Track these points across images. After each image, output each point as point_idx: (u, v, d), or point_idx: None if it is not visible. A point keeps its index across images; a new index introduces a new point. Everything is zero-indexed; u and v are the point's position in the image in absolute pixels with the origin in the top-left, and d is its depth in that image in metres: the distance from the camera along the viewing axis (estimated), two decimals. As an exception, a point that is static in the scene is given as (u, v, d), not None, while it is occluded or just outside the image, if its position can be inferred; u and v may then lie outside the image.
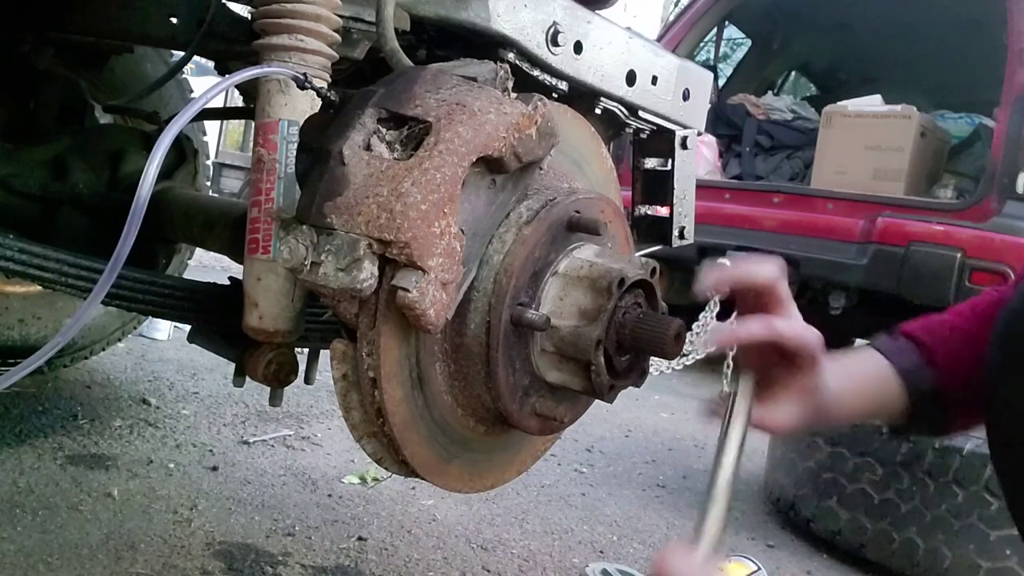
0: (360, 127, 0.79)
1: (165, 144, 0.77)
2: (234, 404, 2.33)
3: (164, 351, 2.81)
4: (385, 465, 0.93)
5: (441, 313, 0.79)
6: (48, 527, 1.43)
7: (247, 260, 1.01)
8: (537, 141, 0.85)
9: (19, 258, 1.04)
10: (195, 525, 1.53)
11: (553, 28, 1.17)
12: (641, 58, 1.37)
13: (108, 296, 1.03)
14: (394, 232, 0.74)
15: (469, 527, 1.76)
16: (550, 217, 0.90)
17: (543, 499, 2.02)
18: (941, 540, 1.79)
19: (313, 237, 0.77)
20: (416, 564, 1.55)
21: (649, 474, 2.43)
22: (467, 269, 0.83)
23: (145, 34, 1.38)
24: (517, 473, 1.13)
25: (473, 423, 0.97)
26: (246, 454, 1.96)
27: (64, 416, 1.99)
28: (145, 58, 2.04)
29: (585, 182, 1.11)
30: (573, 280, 0.91)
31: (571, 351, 0.90)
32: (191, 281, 1.22)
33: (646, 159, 1.60)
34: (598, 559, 1.73)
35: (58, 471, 1.67)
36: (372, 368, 0.83)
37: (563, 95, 1.24)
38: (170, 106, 2.04)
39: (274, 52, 0.97)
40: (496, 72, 0.91)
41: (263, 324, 1.00)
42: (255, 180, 0.99)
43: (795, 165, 4.88)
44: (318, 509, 1.71)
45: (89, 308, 0.80)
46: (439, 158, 0.76)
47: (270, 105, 0.98)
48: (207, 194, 2.01)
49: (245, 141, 11.50)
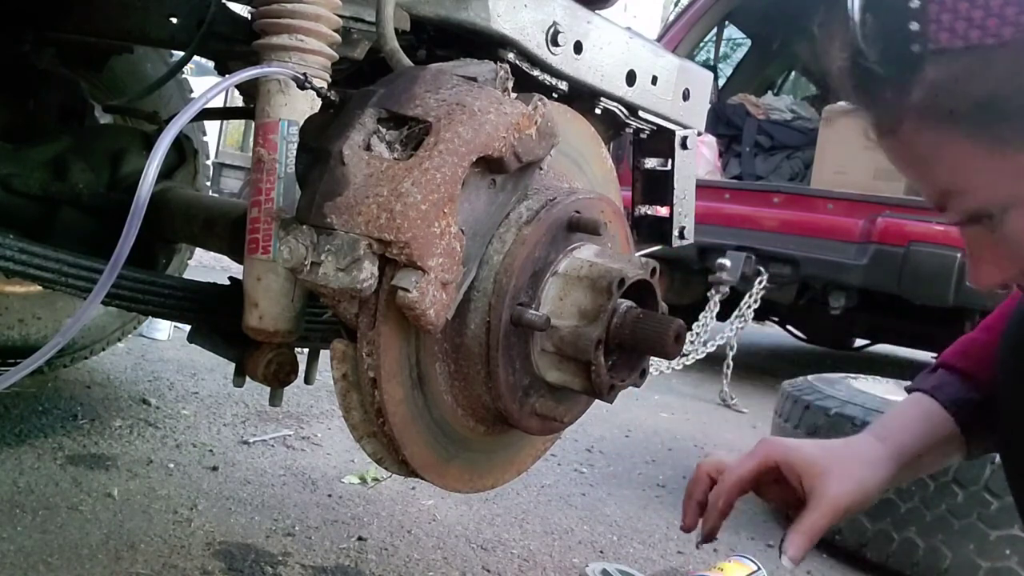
0: (360, 127, 0.79)
1: (165, 144, 0.78)
2: (234, 404, 2.33)
3: (164, 351, 2.81)
4: (385, 465, 0.93)
5: (441, 313, 0.79)
6: (48, 527, 1.43)
7: (247, 260, 1.01)
8: (537, 141, 0.86)
9: (19, 258, 1.04)
10: (195, 525, 1.53)
11: (553, 28, 1.17)
12: (641, 58, 1.37)
13: (108, 296, 1.03)
14: (394, 232, 0.74)
15: (469, 527, 1.76)
16: (550, 217, 0.90)
17: (543, 499, 2.02)
18: (941, 540, 1.79)
19: (313, 237, 0.77)
20: (416, 564, 1.55)
21: (649, 474, 2.43)
22: (467, 269, 0.84)
23: (145, 34, 1.38)
24: (517, 473, 1.13)
25: (473, 423, 0.97)
26: (246, 454, 1.96)
27: (64, 416, 1.99)
28: (145, 58, 2.04)
29: (585, 182, 1.11)
30: (573, 280, 0.91)
31: (571, 351, 0.90)
32: (191, 281, 1.22)
33: (646, 159, 1.60)
34: (598, 559, 1.73)
35: (58, 471, 1.67)
36: (372, 368, 0.83)
37: (563, 95, 1.24)
38: (170, 106, 2.04)
39: (274, 52, 0.97)
40: (496, 72, 0.92)
41: (263, 324, 1.00)
42: (255, 180, 0.99)
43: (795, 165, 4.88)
44: (318, 509, 1.71)
45: (89, 308, 0.80)
46: (439, 158, 0.76)
47: (270, 105, 0.98)
48: (207, 194, 2.01)
49: (245, 141, 11.50)
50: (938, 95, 0.60)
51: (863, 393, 2.13)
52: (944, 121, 0.62)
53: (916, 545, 1.82)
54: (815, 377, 2.29)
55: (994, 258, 0.70)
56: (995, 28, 0.56)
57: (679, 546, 1.87)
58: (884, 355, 6.25)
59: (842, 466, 0.90)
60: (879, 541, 1.88)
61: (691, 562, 1.80)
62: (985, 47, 0.57)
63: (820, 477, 0.89)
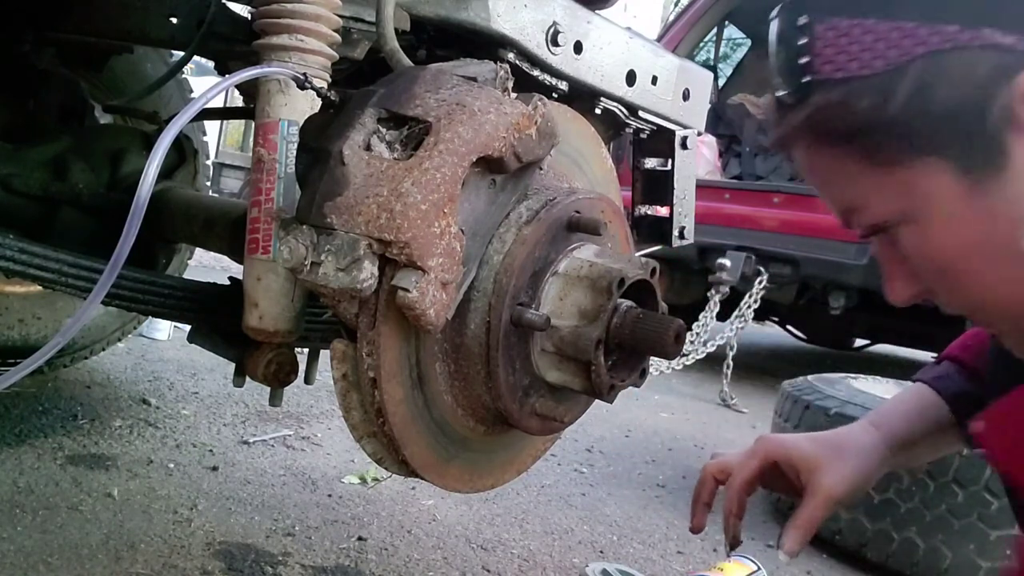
0: (360, 127, 0.79)
1: (165, 144, 0.78)
2: (234, 404, 2.33)
3: (164, 351, 2.81)
4: (385, 465, 0.93)
5: (441, 313, 0.79)
6: (48, 527, 1.43)
7: (247, 260, 1.01)
8: (537, 141, 0.85)
9: (19, 258, 1.04)
10: (195, 525, 1.53)
11: (553, 28, 1.17)
12: (641, 58, 1.37)
13: (108, 296, 1.03)
14: (394, 232, 0.74)
15: (469, 527, 1.76)
16: (550, 217, 0.90)
17: (543, 499, 2.02)
18: (941, 540, 1.79)
19: (313, 237, 0.77)
20: (416, 564, 1.55)
21: (649, 474, 2.43)
22: (467, 269, 0.83)
23: (145, 34, 1.38)
24: (517, 473, 1.13)
25: (473, 423, 0.97)
26: (246, 454, 1.96)
27: (64, 416, 1.99)
28: (145, 58, 2.04)
29: (585, 182, 1.11)
30: (573, 280, 0.91)
31: (571, 351, 0.90)
32: (191, 281, 1.22)
33: (646, 159, 1.60)
34: (598, 559, 1.73)
35: (58, 471, 1.67)
36: (372, 368, 0.83)
37: (563, 95, 1.24)
38: (170, 106, 2.04)
39: (274, 52, 0.97)
40: (496, 72, 0.91)
41: (263, 324, 1.00)
42: (255, 180, 0.99)
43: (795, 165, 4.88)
44: (318, 509, 1.71)
45: (89, 308, 0.80)
46: (439, 158, 0.76)
47: (270, 105, 0.98)
48: (207, 194, 2.01)
49: (245, 141, 11.50)
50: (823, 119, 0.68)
51: (863, 393, 2.13)
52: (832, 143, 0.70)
53: (916, 545, 1.82)
54: (815, 377, 2.30)
55: (902, 273, 0.74)
56: (868, 60, 0.64)
57: (679, 546, 1.87)
58: (884, 355, 6.25)
59: (835, 458, 0.95)
60: (879, 541, 1.88)
61: (691, 562, 1.80)
62: (861, 77, 0.65)
63: (814, 471, 0.94)
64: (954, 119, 0.64)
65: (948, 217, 0.67)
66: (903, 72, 0.64)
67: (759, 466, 0.98)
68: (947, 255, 0.69)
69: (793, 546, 0.92)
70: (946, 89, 0.63)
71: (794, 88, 0.69)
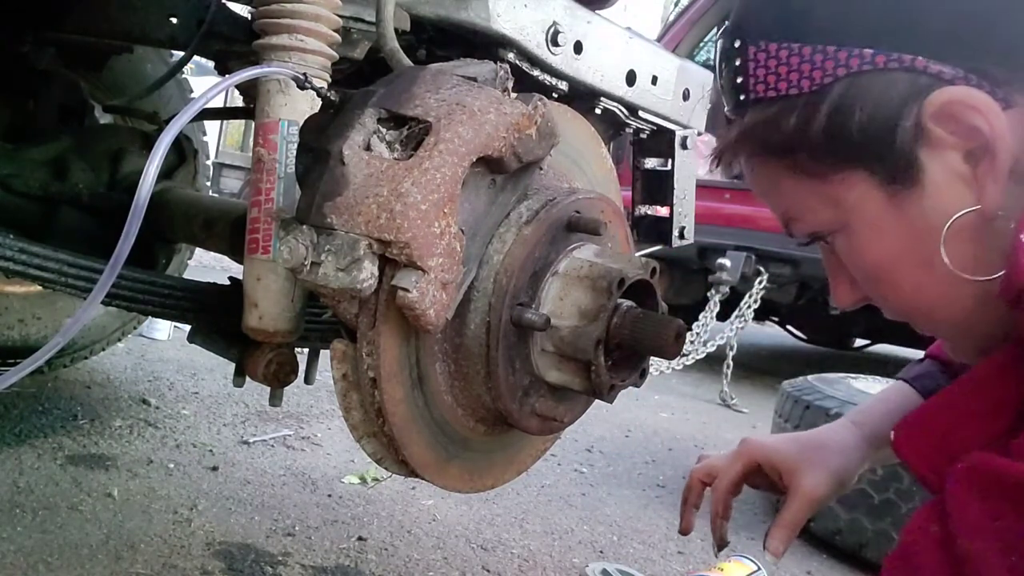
0: (360, 127, 0.79)
1: (165, 144, 0.77)
2: (234, 404, 2.33)
3: (164, 351, 2.81)
4: (385, 465, 0.93)
5: (441, 313, 0.79)
6: (48, 527, 1.43)
7: (247, 260, 1.01)
8: (537, 141, 0.85)
9: (19, 258, 1.04)
10: (195, 525, 1.54)
11: (553, 28, 1.17)
12: (641, 58, 1.37)
13: (108, 296, 1.03)
14: (394, 232, 0.74)
15: (469, 527, 1.76)
16: (550, 217, 0.90)
17: (543, 499, 2.02)
18: (941, 540, 1.79)
19: (313, 237, 0.77)
20: (416, 564, 1.55)
21: (649, 474, 2.43)
22: (467, 269, 0.83)
23: (145, 34, 1.38)
24: (517, 473, 1.13)
25: (473, 423, 0.97)
26: (246, 454, 1.96)
27: (64, 416, 1.99)
28: (145, 58, 2.04)
29: (585, 182, 1.11)
30: (573, 280, 0.91)
31: (571, 351, 0.90)
32: (191, 281, 1.22)
33: (646, 159, 1.60)
34: (598, 559, 1.73)
35: (58, 471, 1.67)
36: (372, 368, 0.83)
37: (563, 95, 1.24)
38: (170, 106, 2.04)
39: (274, 52, 0.97)
40: (496, 72, 0.91)
41: (263, 324, 1.00)
42: (255, 180, 0.99)
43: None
44: (318, 509, 1.71)
45: (89, 308, 0.80)
46: (439, 158, 0.76)
47: (270, 105, 0.98)
48: (207, 194, 2.01)
49: (245, 141, 11.50)
50: (757, 135, 0.73)
51: (863, 393, 2.13)
52: (768, 157, 0.75)
53: (916, 545, 1.82)
54: (815, 377, 2.30)
55: (845, 279, 0.79)
56: (796, 81, 0.69)
57: (679, 546, 1.87)
58: (884, 355, 6.25)
59: (816, 458, 0.98)
60: (879, 541, 1.88)
61: (691, 562, 1.80)
62: (789, 96, 0.70)
63: (795, 473, 0.98)
64: (872, 136, 0.67)
65: (873, 227, 0.71)
66: (826, 92, 0.68)
67: (742, 469, 1.04)
68: (875, 263, 0.73)
69: (778, 546, 0.96)
70: (864, 108, 0.67)
71: (733, 105, 0.74)
